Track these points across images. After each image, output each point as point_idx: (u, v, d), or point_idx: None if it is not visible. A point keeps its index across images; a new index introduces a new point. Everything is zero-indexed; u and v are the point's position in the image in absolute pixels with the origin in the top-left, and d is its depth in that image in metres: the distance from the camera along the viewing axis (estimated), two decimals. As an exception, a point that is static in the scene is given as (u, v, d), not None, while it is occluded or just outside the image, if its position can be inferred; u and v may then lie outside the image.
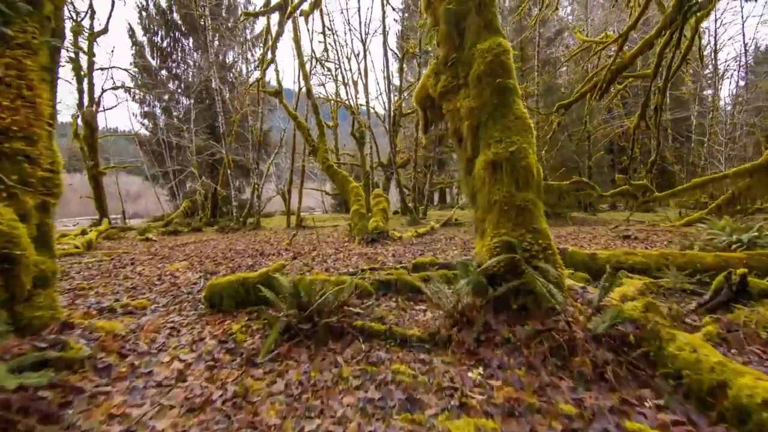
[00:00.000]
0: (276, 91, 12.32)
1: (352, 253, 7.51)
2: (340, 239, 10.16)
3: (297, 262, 6.77)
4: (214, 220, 19.00)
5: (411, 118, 25.33)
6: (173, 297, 4.71)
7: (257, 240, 12.40)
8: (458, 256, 6.88)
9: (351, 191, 10.33)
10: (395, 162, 16.51)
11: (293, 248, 8.85)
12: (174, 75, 24.51)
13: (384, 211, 9.85)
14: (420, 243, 8.97)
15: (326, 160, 10.72)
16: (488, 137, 3.41)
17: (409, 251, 7.54)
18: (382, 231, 9.10)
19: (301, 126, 11.38)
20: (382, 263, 6.35)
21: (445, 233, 13.00)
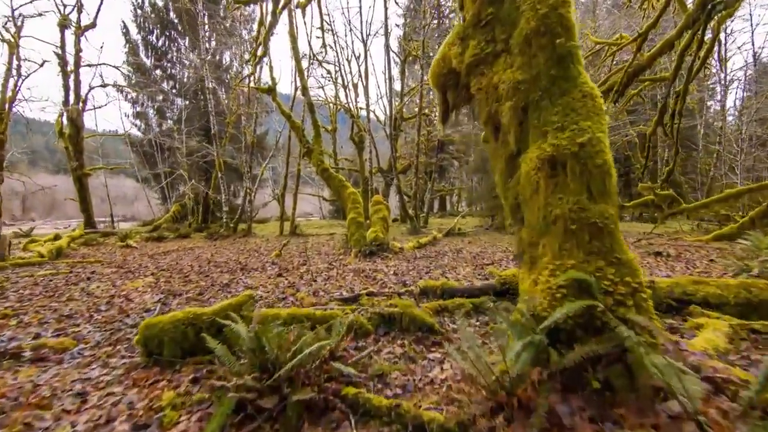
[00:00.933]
0: (269, 88, 11.26)
1: (347, 269, 6.38)
2: (335, 251, 9.03)
3: (282, 280, 5.64)
4: (204, 225, 17.84)
5: (412, 122, 24.33)
6: (111, 332, 3.57)
7: (245, 249, 11.26)
8: (471, 276, 5.77)
9: (348, 197, 9.24)
10: (396, 167, 15.43)
11: (281, 261, 7.71)
12: (169, 75, 23.47)
13: (384, 220, 8.74)
14: (424, 257, 7.85)
15: (321, 163, 9.64)
16: (543, 123, 2.31)
17: (413, 267, 6.42)
18: (382, 243, 7.99)
19: (295, 126, 10.31)
20: (381, 284, 5.23)
21: (450, 244, 11.89)
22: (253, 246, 12.14)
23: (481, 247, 9.82)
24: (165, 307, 4.33)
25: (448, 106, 3.11)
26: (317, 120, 10.24)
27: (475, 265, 6.65)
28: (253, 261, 7.85)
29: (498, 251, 8.82)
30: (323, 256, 8.22)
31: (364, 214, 13.68)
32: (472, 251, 8.84)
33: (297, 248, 11.35)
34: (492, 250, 8.98)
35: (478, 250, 9.00)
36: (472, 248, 9.65)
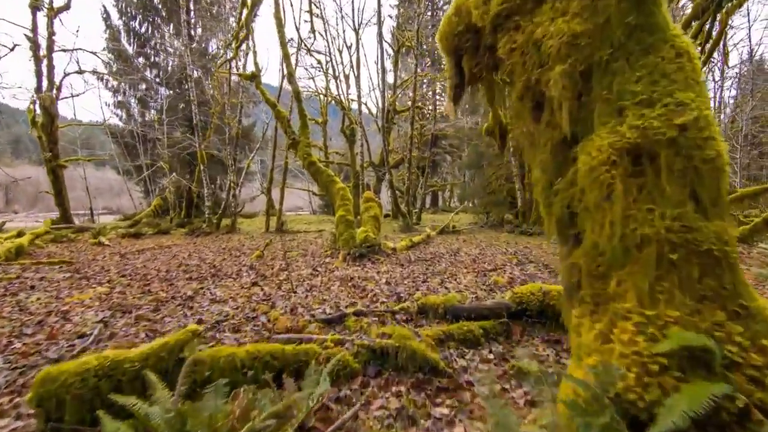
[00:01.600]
0: (252, 74, 10.33)
1: (334, 276, 5.56)
2: (322, 251, 8.21)
3: (257, 291, 4.82)
4: (188, 220, 16.87)
5: (405, 116, 23.49)
6: (22, 371, 2.73)
7: (226, 248, 10.39)
8: (474, 286, 5.01)
9: (337, 193, 8.41)
10: (388, 161, 14.60)
11: (261, 265, 6.88)
12: (152, 63, 22.28)
13: (375, 219, 7.94)
14: (419, 260, 7.07)
15: (308, 155, 8.78)
16: (618, 95, 1.52)
17: (408, 274, 5.64)
18: (373, 244, 7.19)
19: (281, 115, 9.43)
20: (372, 297, 4.44)
21: (444, 243, 11.14)
22: (236, 244, 11.26)
23: (478, 248, 9.08)
24: (106, 329, 3.49)
25: (463, 78, 2.31)
26: (304, 109, 9.36)
27: (476, 272, 5.89)
28: (230, 264, 7.00)
29: (498, 253, 8.09)
30: (308, 258, 7.40)
31: (355, 211, 12.88)
32: (470, 253, 8.09)
33: (282, 247, 10.51)
34: (491, 252, 8.24)
35: (477, 252, 8.25)
36: (470, 249, 8.90)
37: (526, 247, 8.97)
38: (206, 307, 4.15)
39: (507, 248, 9.00)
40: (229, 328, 3.45)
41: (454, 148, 27.40)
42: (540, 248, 8.94)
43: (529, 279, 5.40)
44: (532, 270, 6.09)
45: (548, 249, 8.67)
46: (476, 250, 8.55)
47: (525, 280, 5.32)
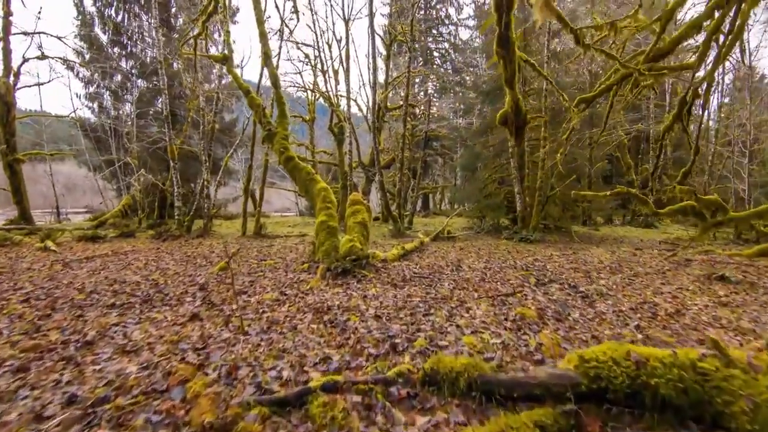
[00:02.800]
0: (224, 56, 8.80)
1: (306, 304, 4.10)
2: (298, 263, 6.73)
3: (192, 331, 3.35)
4: (160, 221, 15.21)
5: (396, 115, 22.12)
6: None
7: (191, 255, 8.87)
8: (493, 321, 3.62)
9: (318, 194, 6.96)
10: (379, 161, 13.17)
11: (217, 283, 5.39)
12: (129, 53, 20.53)
13: (363, 225, 6.50)
14: (416, 277, 5.65)
15: (285, 149, 7.31)
16: None
17: (404, 303, 4.21)
18: (359, 257, 5.75)
19: (254, 102, 7.93)
20: (355, 344, 3.00)
21: (441, 252, 9.77)
22: (204, 250, 9.73)
23: (481, 259, 7.71)
24: None
25: None
26: (282, 96, 7.89)
27: (490, 297, 4.49)
28: (179, 281, 5.49)
29: (506, 267, 6.72)
30: (280, 274, 5.93)
31: (341, 215, 11.43)
32: (474, 267, 6.70)
33: (260, 252, 9.03)
34: (498, 266, 6.87)
35: (482, 266, 6.87)
36: (473, 261, 7.52)
37: (536, 260, 7.62)
38: (101, 365, 2.67)
39: (514, 260, 7.64)
40: (108, 420, 1.99)
41: (447, 149, 26.12)
42: (551, 260, 7.60)
43: (563, 310, 4.03)
44: (560, 294, 4.72)
45: (564, 260, 7.34)
46: (481, 263, 7.17)
47: (559, 312, 3.95)
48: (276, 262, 8.22)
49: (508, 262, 7.37)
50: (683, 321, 3.79)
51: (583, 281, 5.51)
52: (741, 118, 16.96)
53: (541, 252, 9.84)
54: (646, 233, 16.97)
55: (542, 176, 13.23)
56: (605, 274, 6.10)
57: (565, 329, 3.50)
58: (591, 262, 7.21)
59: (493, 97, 15.68)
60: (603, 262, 7.17)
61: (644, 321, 3.76)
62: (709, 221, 7.15)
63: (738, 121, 16.39)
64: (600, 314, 3.96)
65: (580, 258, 7.81)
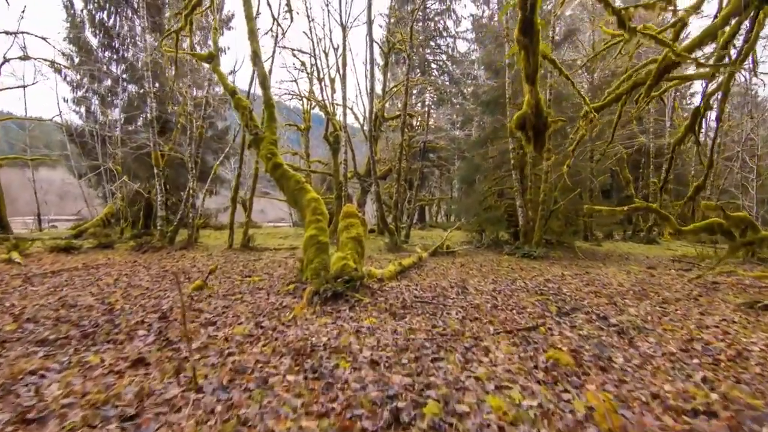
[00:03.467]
0: (210, 54, 8.04)
1: (284, 343, 3.27)
2: (282, 285, 5.89)
3: (133, 380, 2.52)
4: (145, 231, 14.30)
5: (393, 126, 21.49)
6: None
7: (170, 270, 8.01)
8: (521, 370, 2.82)
9: (307, 205, 6.16)
10: (375, 171, 12.42)
11: (185, 309, 4.55)
12: (120, 57, 19.80)
13: (357, 241, 5.70)
14: (417, 302, 4.84)
15: (272, 155, 6.52)
16: None
17: (406, 339, 3.41)
18: (353, 278, 4.94)
19: (241, 104, 7.16)
20: (344, 408, 2.20)
21: (441, 268, 8.98)
22: (186, 264, 8.87)
23: (487, 279, 6.93)
24: None
25: None
26: (272, 98, 7.14)
27: (509, 332, 3.70)
28: (137, 307, 4.62)
29: (518, 290, 5.93)
30: (260, 297, 5.09)
31: (333, 229, 10.62)
32: (482, 289, 5.91)
33: (243, 269, 8.18)
34: (507, 287, 6.08)
35: (491, 287, 6.08)
36: (479, 280, 6.74)
37: (548, 280, 6.84)
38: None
39: (524, 280, 6.86)
40: None
41: (444, 160, 25.50)
42: (565, 281, 6.83)
43: (601, 352, 3.25)
44: (591, 329, 3.93)
45: (579, 282, 6.56)
46: (488, 284, 6.38)
47: (598, 357, 3.16)
48: (261, 278, 7.40)
49: (518, 283, 6.59)
50: (752, 369, 3.01)
51: (609, 310, 4.73)
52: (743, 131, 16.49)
53: (548, 270, 9.08)
54: (650, 249, 16.30)
55: (545, 189, 12.55)
56: (631, 299, 5.32)
57: (613, 382, 2.71)
58: (609, 284, 6.44)
59: (493, 107, 15.07)
60: (623, 285, 6.40)
61: (706, 369, 2.98)
62: (739, 240, 6.44)
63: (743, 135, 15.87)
64: (647, 358, 3.17)
65: (595, 279, 7.05)
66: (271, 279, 7.45)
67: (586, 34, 19.49)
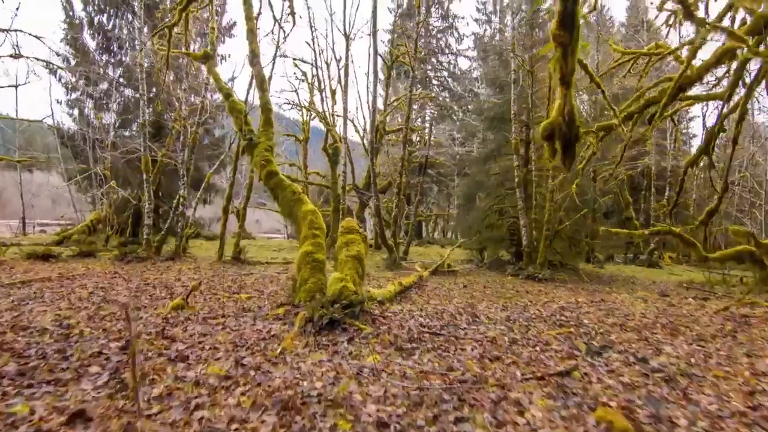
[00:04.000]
0: (205, 53, 7.50)
1: (268, 390, 2.62)
2: (273, 307, 5.22)
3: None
4: (134, 240, 13.57)
5: (393, 140, 21.06)
6: None
7: (151, 284, 7.34)
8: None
9: (304, 218, 5.55)
10: (375, 183, 11.87)
11: (156, 337, 3.88)
12: (118, 61, 19.34)
13: (358, 261, 5.07)
14: (425, 333, 4.20)
15: (267, 162, 5.92)
16: None
17: (417, 386, 2.77)
18: (352, 302, 4.31)
19: (235, 107, 6.60)
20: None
21: (442, 289, 8.37)
22: (170, 277, 8.19)
23: (496, 305, 6.32)
24: None
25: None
26: (269, 101, 6.59)
27: (541, 379, 3.07)
28: (99, 331, 3.95)
29: (534, 319, 5.31)
30: (245, 322, 4.42)
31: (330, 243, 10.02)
32: (494, 317, 5.29)
33: (232, 284, 7.50)
34: (523, 317, 5.46)
35: (502, 315, 5.46)
36: (485, 305, 6.13)
37: (563, 308, 6.23)
38: None
39: (537, 307, 6.26)
40: None
41: (443, 176, 25.06)
42: (581, 309, 6.22)
43: (656, 409, 2.63)
44: (630, 373, 3.32)
45: (596, 311, 5.95)
46: (499, 311, 5.77)
47: (656, 417, 2.54)
48: (250, 296, 6.74)
49: (531, 310, 5.97)
50: None
51: (644, 348, 4.13)
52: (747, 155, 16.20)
53: (556, 294, 8.49)
54: (654, 274, 15.77)
55: (550, 209, 12.02)
56: (663, 335, 4.72)
57: (690, 460, 2.09)
58: (631, 316, 5.83)
59: (497, 123, 14.64)
60: (646, 316, 5.79)
61: (794, 439, 2.37)
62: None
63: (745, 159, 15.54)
64: (716, 420, 2.56)
65: (613, 308, 6.44)
66: (261, 297, 6.80)
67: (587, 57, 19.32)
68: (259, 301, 6.47)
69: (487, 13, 29.86)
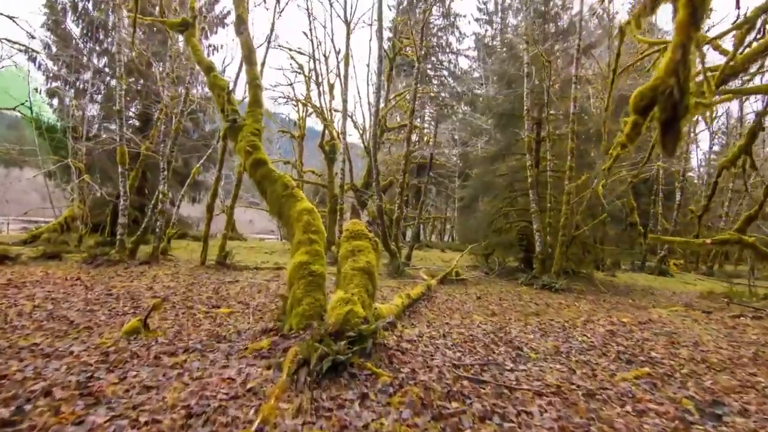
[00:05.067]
0: (183, 21, 6.24)
1: None
2: (255, 335, 3.96)
3: None
4: (111, 240, 12.19)
5: (393, 138, 19.86)
6: None
7: (113, 294, 6.05)
8: None
9: (298, 219, 4.31)
10: (378, 181, 10.65)
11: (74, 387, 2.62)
12: (104, 50, 17.95)
13: (368, 275, 3.83)
14: (462, 378, 3.00)
15: (254, 149, 4.67)
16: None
17: None
18: (362, 334, 3.09)
19: (217, 83, 5.35)
20: None
21: (454, 301, 7.18)
22: (141, 285, 6.89)
23: (533, 326, 5.14)
24: None
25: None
26: (258, 76, 5.34)
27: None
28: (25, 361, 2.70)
29: (588, 352, 4.11)
30: (216, 361, 3.16)
31: (330, 242, 8.78)
32: (540, 349, 4.09)
33: (213, 295, 6.22)
34: (576, 349, 4.27)
35: (550, 345, 4.26)
36: (519, 328, 4.93)
37: (611, 333, 5.03)
38: None
39: (578, 329, 5.08)
40: None
41: (443, 178, 23.89)
42: (633, 334, 5.03)
43: None
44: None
45: (652, 336, 4.78)
46: (539, 336, 4.57)
47: None
48: (232, 310, 5.50)
49: (577, 336, 4.77)
50: None
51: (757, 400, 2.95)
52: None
53: (580, 307, 7.35)
54: (668, 283, 14.72)
55: (566, 212, 10.88)
56: (764, 376, 3.55)
57: None
58: (699, 342, 4.64)
59: (506, 120, 13.51)
60: (720, 345, 4.61)
61: None
62: None
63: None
64: None
65: (670, 331, 5.25)
66: (244, 312, 5.54)
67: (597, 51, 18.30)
68: (243, 317, 5.23)
69: (488, 13, 28.87)
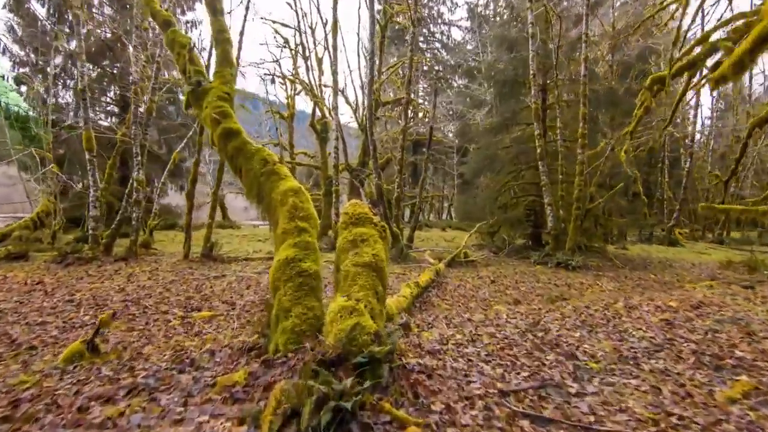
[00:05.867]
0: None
1: None
2: (230, 356, 3.02)
3: None
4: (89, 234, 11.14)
5: (388, 115, 18.66)
6: None
7: (74, 300, 5.10)
8: None
9: (282, 202, 3.33)
10: (376, 158, 9.59)
11: None
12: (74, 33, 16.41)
13: (376, 273, 2.90)
14: (525, 421, 2.10)
15: (223, 116, 3.61)
16: None
17: None
18: (373, 357, 2.15)
19: (177, 40, 4.22)
20: None
21: (467, 288, 6.30)
22: (111, 287, 5.92)
23: (574, 318, 4.24)
24: None
25: None
26: (225, 25, 4.23)
27: None
28: None
29: (672, 361, 3.21)
30: (165, 407, 2.23)
31: (324, 230, 7.81)
32: (592, 352, 3.18)
33: (194, 293, 5.29)
34: (640, 350, 3.37)
35: (609, 349, 3.35)
36: (557, 323, 4.03)
37: (671, 325, 4.14)
38: None
39: (624, 318, 4.20)
40: None
41: (440, 154, 22.81)
42: (695, 322, 4.14)
43: None
44: None
45: (702, 325, 3.90)
46: (587, 333, 3.67)
47: None
48: (214, 313, 4.57)
49: (629, 329, 3.88)
50: None
51: None
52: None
53: (604, 286, 6.52)
54: (680, 253, 13.94)
55: (580, 184, 9.93)
56: None
57: None
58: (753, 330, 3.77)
59: (509, 88, 12.38)
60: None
61: None
62: None
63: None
64: None
65: (735, 318, 4.37)
66: (229, 315, 4.61)
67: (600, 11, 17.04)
68: (226, 322, 4.30)
69: (481, -19, 27.19)
